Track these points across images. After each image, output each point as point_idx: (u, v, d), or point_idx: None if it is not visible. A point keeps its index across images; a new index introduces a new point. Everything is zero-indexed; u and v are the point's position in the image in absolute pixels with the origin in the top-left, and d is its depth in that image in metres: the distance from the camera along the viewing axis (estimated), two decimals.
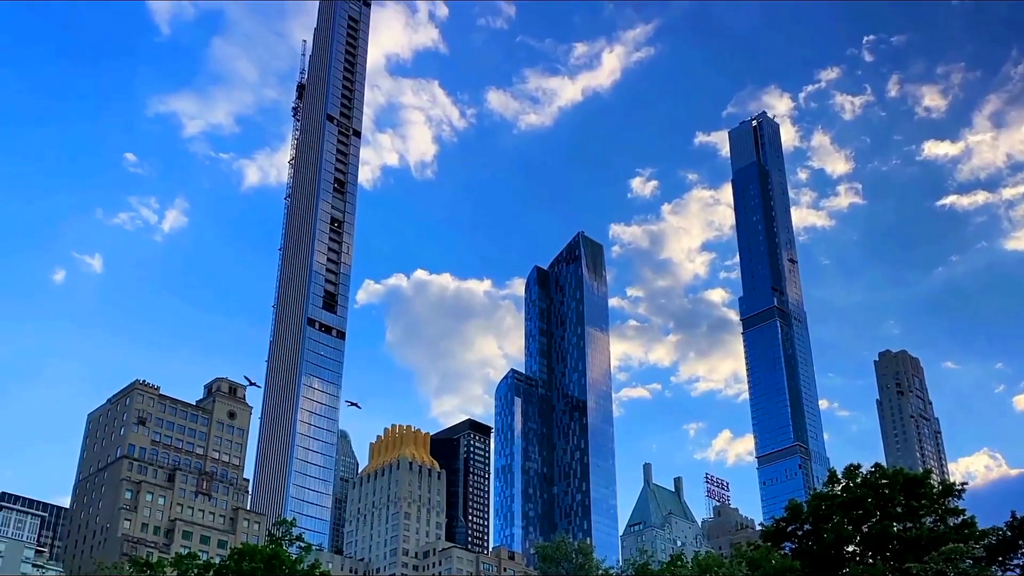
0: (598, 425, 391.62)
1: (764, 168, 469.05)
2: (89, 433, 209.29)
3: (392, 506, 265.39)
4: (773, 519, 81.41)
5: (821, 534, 74.39)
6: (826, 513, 75.37)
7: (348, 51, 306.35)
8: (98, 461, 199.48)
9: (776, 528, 79.84)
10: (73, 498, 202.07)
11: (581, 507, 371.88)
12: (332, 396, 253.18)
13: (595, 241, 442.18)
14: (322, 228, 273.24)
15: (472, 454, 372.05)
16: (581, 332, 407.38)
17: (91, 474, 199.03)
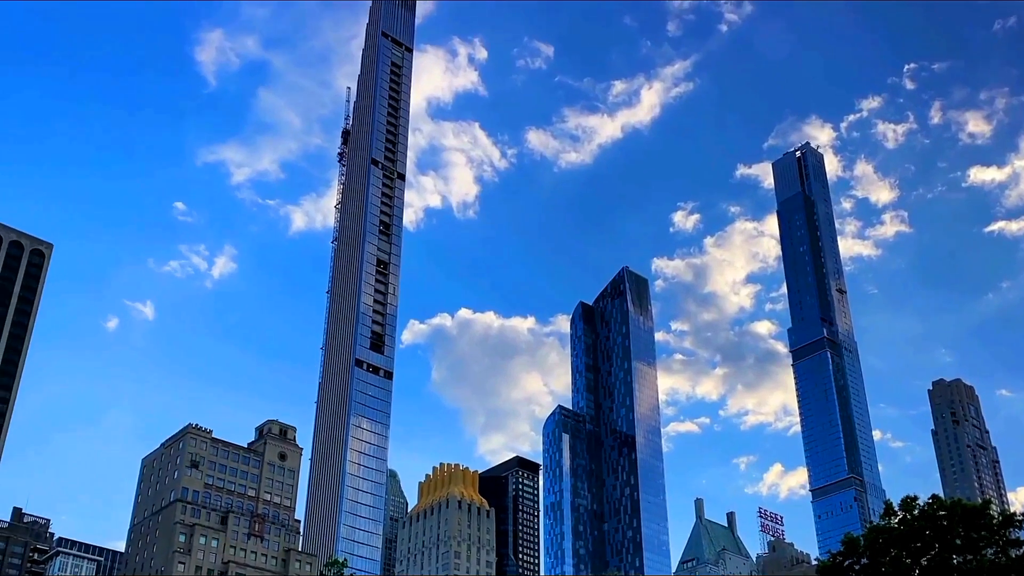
0: (647, 460, 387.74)
1: (809, 198, 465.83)
2: (144, 477, 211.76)
3: (442, 545, 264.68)
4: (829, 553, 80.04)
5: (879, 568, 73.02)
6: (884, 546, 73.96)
7: (391, 96, 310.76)
8: (152, 505, 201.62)
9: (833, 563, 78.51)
10: (128, 542, 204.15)
11: (632, 544, 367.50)
12: (381, 436, 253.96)
13: (640, 275, 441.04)
14: (368, 270, 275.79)
15: (521, 492, 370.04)
16: (628, 367, 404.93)
17: (145, 518, 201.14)
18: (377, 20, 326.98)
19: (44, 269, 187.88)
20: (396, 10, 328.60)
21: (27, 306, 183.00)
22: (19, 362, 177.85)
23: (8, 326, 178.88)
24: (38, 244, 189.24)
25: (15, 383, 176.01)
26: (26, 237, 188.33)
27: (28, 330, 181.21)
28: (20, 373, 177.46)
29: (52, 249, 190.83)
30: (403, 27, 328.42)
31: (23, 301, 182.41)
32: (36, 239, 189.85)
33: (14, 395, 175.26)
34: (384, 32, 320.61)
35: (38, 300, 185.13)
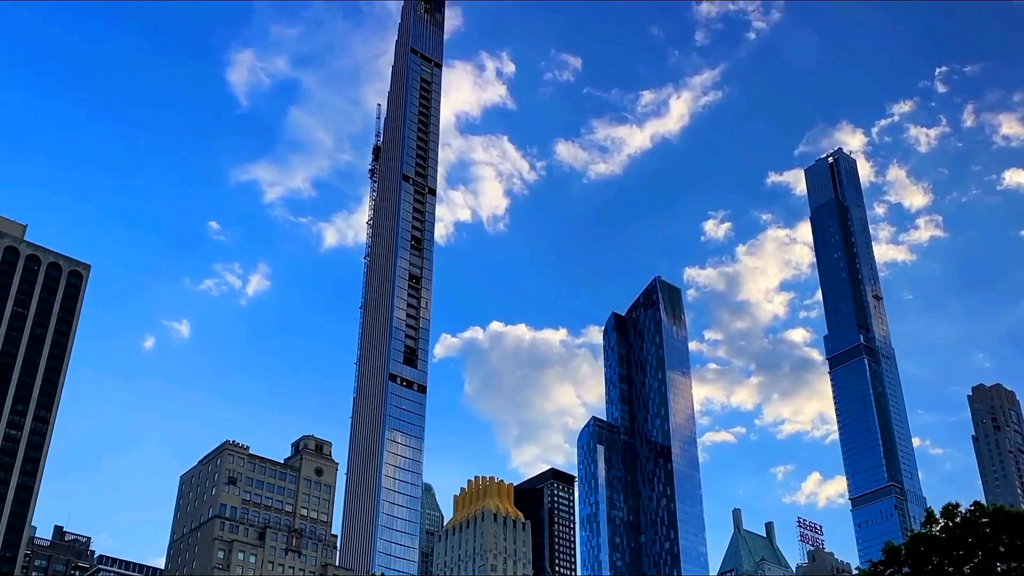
0: (684, 471, 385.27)
1: (843, 204, 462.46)
2: (182, 494, 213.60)
3: (478, 558, 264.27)
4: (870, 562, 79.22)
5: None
6: (925, 555, 73.05)
7: (421, 112, 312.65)
8: (191, 522, 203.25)
9: (874, 571, 77.65)
10: (168, 559, 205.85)
11: (670, 555, 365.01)
12: (415, 450, 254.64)
13: (672, 285, 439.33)
14: (401, 285, 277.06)
15: (556, 504, 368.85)
16: (662, 377, 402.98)
17: (184, 535, 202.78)
18: (406, 37, 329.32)
19: (82, 290, 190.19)
20: (425, 27, 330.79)
21: (66, 326, 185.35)
22: (59, 382, 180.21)
23: (48, 346, 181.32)
24: (76, 265, 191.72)
25: (55, 403, 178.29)
26: (64, 259, 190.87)
27: (67, 350, 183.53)
28: (60, 393, 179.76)
29: (89, 270, 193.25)
30: (432, 43, 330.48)
31: (62, 322, 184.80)
32: (73, 260, 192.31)
33: (54, 415, 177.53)
34: (413, 49, 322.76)
35: (76, 320, 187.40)
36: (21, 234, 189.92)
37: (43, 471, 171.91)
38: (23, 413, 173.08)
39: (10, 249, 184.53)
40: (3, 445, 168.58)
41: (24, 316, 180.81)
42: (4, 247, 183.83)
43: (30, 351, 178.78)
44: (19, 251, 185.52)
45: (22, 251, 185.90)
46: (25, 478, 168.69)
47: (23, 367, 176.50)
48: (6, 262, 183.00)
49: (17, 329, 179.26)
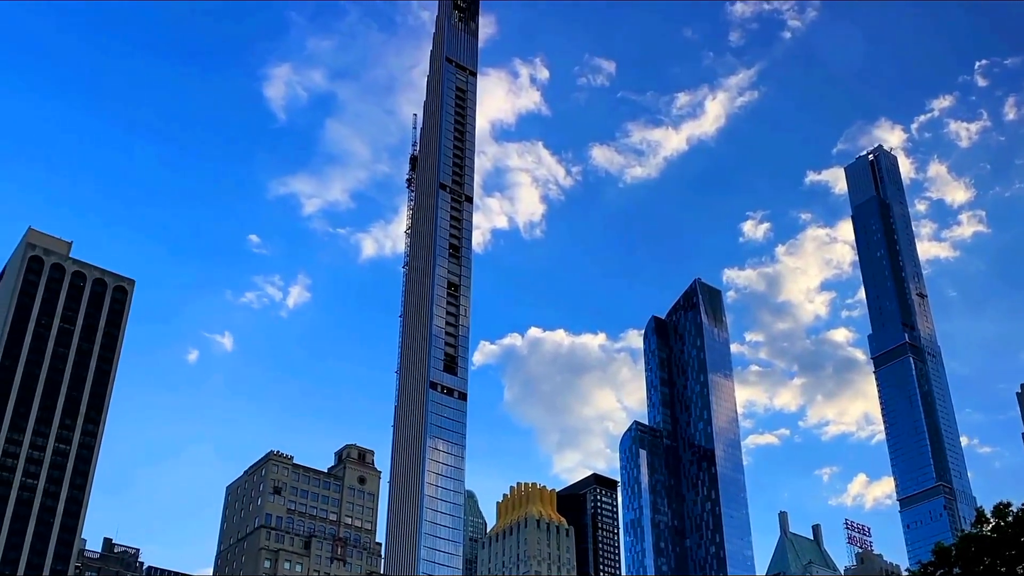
0: (728, 474, 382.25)
1: (884, 202, 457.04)
2: (228, 504, 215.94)
3: (522, 565, 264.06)
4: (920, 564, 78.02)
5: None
6: (976, 555, 71.82)
7: (457, 121, 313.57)
8: (238, 532, 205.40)
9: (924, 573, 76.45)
10: (215, 569, 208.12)
11: (716, 560, 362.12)
12: (457, 457, 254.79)
13: (712, 287, 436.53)
14: (440, 293, 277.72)
15: (599, 509, 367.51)
16: (704, 380, 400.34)
17: (231, 545, 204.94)
18: (441, 47, 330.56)
19: (127, 305, 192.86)
20: (459, 36, 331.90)
21: (111, 341, 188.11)
22: (106, 396, 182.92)
23: (94, 361, 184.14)
24: (120, 281, 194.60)
25: (102, 417, 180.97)
26: (108, 274, 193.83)
27: (113, 365, 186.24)
28: (107, 407, 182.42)
29: (134, 285, 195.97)
30: (466, 52, 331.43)
31: (107, 336, 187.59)
32: (118, 276, 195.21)
33: (102, 428, 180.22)
34: (448, 58, 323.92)
35: (122, 336, 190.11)
36: (67, 251, 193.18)
37: (92, 484, 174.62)
38: (71, 427, 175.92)
39: (56, 266, 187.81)
40: (52, 459, 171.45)
41: (71, 332, 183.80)
42: (51, 264, 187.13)
43: (77, 366, 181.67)
44: (65, 268, 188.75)
45: (68, 268, 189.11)
46: (74, 491, 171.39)
47: (71, 382, 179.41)
48: (53, 279, 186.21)
49: (64, 345, 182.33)
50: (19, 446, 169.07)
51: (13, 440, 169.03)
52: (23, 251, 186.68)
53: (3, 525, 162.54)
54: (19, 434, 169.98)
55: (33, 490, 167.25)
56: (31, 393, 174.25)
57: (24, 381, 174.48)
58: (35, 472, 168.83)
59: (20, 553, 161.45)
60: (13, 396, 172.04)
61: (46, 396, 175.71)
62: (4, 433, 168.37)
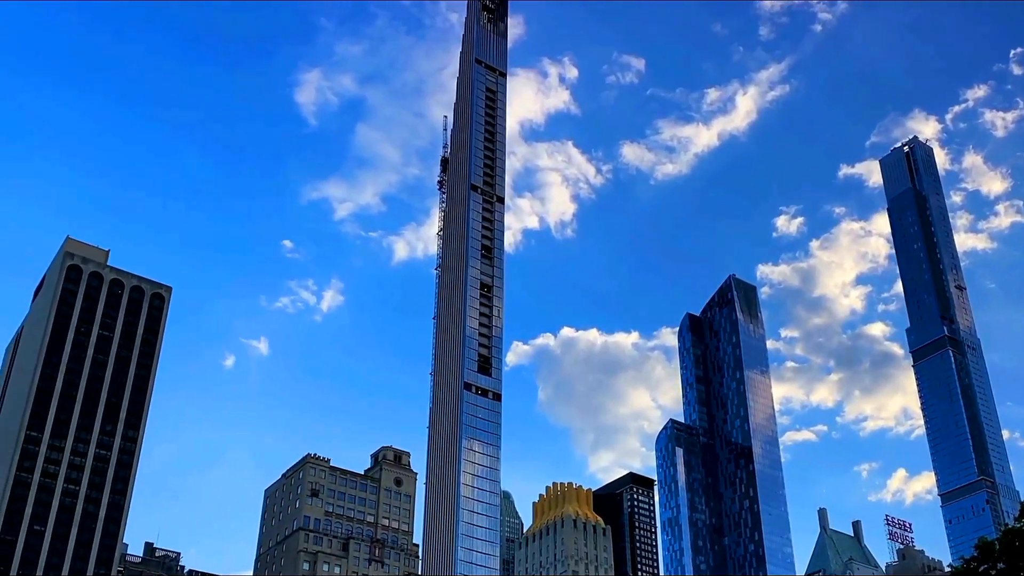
0: (766, 471, 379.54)
1: (921, 193, 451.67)
2: (267, 507, 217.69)
3: (560, 565, 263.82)
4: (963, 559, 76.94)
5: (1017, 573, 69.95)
6: (1020, 550, 70.82)
7: (487, 122, 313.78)
8: (276, 534, 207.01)
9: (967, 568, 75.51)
10: (255, 571, 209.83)
11: (755, 557, 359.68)
12: (492, 458, 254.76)
13: (747, 283, 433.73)
14: (473, 294, 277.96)
15: (636, 508, 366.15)
16: (740, 377, 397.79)
17: (270, 547, 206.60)
18: (470, 48, 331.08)
19: (164, 312, 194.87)
20: (488, 36, 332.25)
21: (150, 348, 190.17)
22: (145, 402, 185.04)
23: (133, 367, 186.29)
24: (157, 288, 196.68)
25: (142, 422, 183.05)
26: (146, 282, 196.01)
27: (152, 371, 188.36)
28: (146, 413, 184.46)
29: (171, 292, 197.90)
30: (496, 53, 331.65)
31: (146, 343, 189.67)
32: (155, 283, 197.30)
33: (141, 434, 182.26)
34: (478, 59, 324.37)
35: (160, 342, 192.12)
36: (104, 259, 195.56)
37: (132, 489, 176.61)
38: (112, 433, 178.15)
39: (94, 275, 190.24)
40: (94, 465, 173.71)
41: (110, 339, 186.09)
42: (88, 273, 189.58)
43: (116, 373, 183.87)
44: (103, 276, 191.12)
45: (105, 276, 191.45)
46: (115, 497, 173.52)
47: (110, 389, 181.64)
48: (91, 287, 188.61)
49: (103, 352, 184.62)
50: (61, 453, 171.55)
51: (55, 447, 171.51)
52: (61, 260, 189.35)
53: (47, 531, 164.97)
54: (61, 441, 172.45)
55: (75, 496, 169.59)
56: (72, 400, 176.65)
57: (64, 388, 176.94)
58: (77, 478, 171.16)
59: (63, 559, 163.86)
60: (54, 403, 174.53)
61: (86, 403, 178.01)
62: (46, 440, 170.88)
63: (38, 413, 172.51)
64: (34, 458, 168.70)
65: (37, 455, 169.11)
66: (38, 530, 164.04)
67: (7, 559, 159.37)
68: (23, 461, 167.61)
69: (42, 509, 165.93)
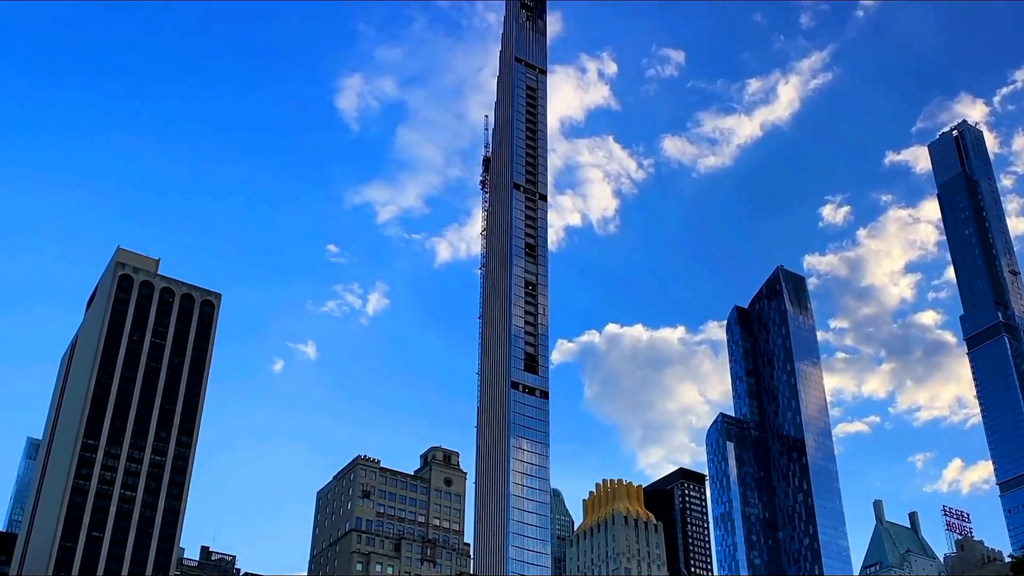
0: (819, 464, 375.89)
1: (971, 178, 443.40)
2: (319, 509, 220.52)
3: (612, 562, 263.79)
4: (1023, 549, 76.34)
5: None
6: None
7: (528, 119, 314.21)
8: (329, 536, 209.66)
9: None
10: (309, 572, 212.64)
11: (810, 551, 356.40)
12: (541, 456, 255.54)
13: (796, 274, 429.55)
14: (517, 292, 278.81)
15: (687, 504, 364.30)
16: (791, 369, 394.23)
17: (323, 549, 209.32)
18: (510, 46, 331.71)
19: (214, 318, 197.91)
20: (528, 34, 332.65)
21: (201, 354, 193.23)
22: (198, 407, 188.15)
23: (186, 374, 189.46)
24: (207, 295, 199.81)
25: (196, 428, 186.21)
26: (196, 289, 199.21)
27: (204, 377, 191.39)
28: (199, 418, 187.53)
29: (220, 299, 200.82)
30: (535, 50, 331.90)
31: (197, 350, 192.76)
32: (205, 290, 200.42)
33: (195, 439, 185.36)
34: (517, 57, 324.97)
35: (211, 348, 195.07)
36: (155, 268, 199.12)
37: (188, 494, 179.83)
38: (166, 439, 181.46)
39: (145, 283, 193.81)
40: (149, 471, 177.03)
41: (162, 347, 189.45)
42: (140, 282, 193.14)
43: (169, 379, 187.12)
44: (154, 285, 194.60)
45: (156, 285, 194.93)
46: (171, 501, 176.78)
47: (164, 395, 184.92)
48: (142, 296, 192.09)
49: (156, 359, 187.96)
50: (117, 460, 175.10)
51: (111, 454, 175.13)
52: (113, 270, 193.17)
53: (105, 537, 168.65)
54: (116, 448, 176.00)
55: (132, 502, 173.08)
56: (126, 408, 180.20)
57: (119, 396, 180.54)
58: (133, 484, 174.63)
59: (121, 564, 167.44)
60: (109, 411, 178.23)
61: (141, 410, 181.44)
62: (102, 447, 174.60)
63: (94, 421, 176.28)
64: (91, 465, 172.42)
65: (94, 463, 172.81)
66: (96, 536, 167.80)
67: (67, 565, 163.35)
68: (80, 469, 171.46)
69: (100, 516, 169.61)
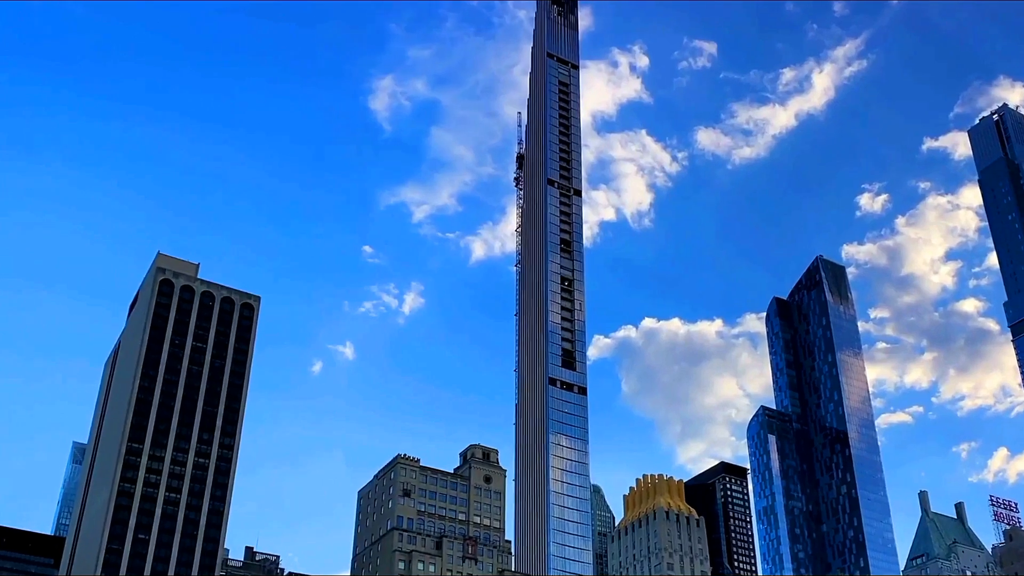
0: (863, 456, 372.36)
1: (1013, 162, 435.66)
2: (361, 508, 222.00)
3: (654, 557, 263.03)
4: None
5: None
6: None
7: (562, 115, 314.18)
8: (371, 535, 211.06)
9: None
10: (352, 572, 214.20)
11: (855, 544, 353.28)
12: (580, 452, 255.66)
13: (836, 263, 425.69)
14: (553, 289, 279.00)
15: (729, 498, 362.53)
16: (832, 360, 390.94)
17: (366, 548, 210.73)
18: (542, 42, 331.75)
19: (254, 321, 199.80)
20: (559, 30, 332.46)
21: (242, 356, 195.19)
22: (239, 409, 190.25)
23: (227, 377, 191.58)
24: (247, 298, 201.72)
25: (238, 430, 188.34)
26: (235, 292, 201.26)
27: (245, 380, 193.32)
28: (242, 420, 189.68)
29: (259, 302, 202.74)
30: (567, 46, 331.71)
31: (238, 352, 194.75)
32: (244, 293, 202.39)
33: (238, 441, 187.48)
34: (549, 53, 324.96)
35: (251, 351, 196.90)
36: (194, 273, 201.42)
37: (231, 495, 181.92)
38: (209, 442, 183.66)
39: (186, 288, 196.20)
40: (193, 473, 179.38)
41: (203, 350, 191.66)
42: (180, 286, 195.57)
43: (211, 382, 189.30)
44: (194, 289, 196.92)
45: (196, 289, 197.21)
46: (215, 503, 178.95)
47: (205, 398, 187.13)
48: (183, 300, 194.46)
49: (198, 363, 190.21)
50: (161, 462, 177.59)
51: (155, 457, 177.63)
52: (154, 275, 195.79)
53: (151, 539, 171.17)
54: (161, 451, 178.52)
55: (176, 504, 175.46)
56: (169, 411, 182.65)
57: (162, 400, 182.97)
58: (177, 487, 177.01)
59: (168, 565, 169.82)
60: (153, 415, 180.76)
61: (184, 413, 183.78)
62: (147, 451, 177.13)
63: (138, 425, 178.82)
64: (136, 469, 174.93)
65: (138, 466, 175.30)
66: (142, 539, 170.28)
67: (115, 567, 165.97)
68: (126, 472, 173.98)
69: (145, 518, 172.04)
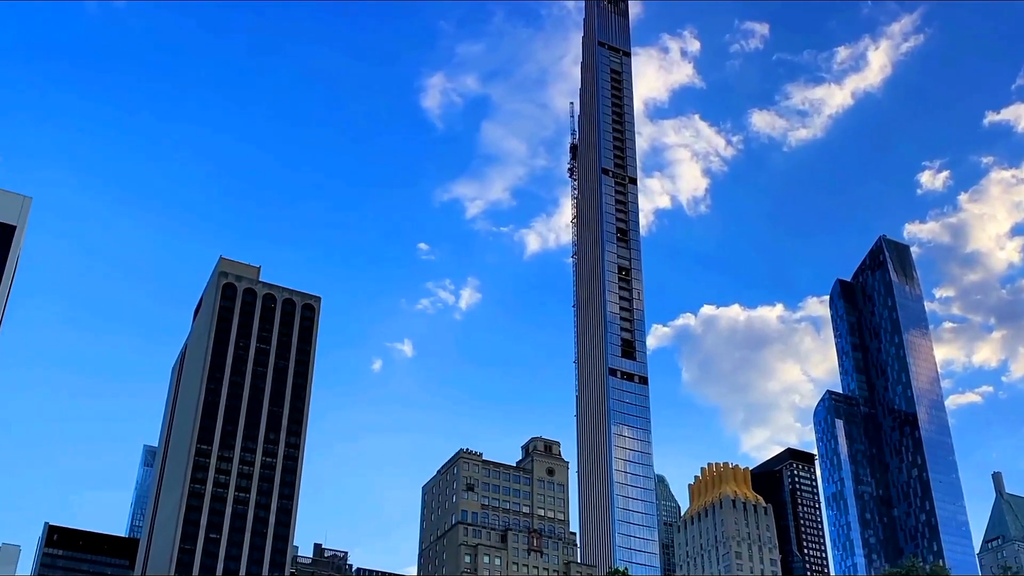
0: (933, 438, 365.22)
1: None
2: (425, 504, 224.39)
3: (721, 546, 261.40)
4: None
5: None
6: None
7: (615, 103, 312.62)
8: (436, 529, 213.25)
9: None
10: (419, 566, 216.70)
11: (927, 527, 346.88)
12: (643, 442, 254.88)
13: (900, 243, 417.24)
14: (611, 278, 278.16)
15: (797, 485, 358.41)
16: (899, 341, 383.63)
17: (432, 542, 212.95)
18: (592, 31, 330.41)
19: (315, 322, 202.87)
20: (610, 18, 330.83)
21: (305, 357, 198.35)
22: (304, 409, 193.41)
23: (291, 377, 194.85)
24: (308, 299, 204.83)
25: (303, 429, 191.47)
26: (296, 294, 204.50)
27: (308, 379, 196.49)
28: (306, 419, 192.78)
29: (320, 302, 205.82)
30: (618, 33, 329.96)
31: (301, 353, 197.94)
32: (305, 294, 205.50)
33: (303, 439, 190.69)
34: (600, 41, 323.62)
35: (313, 351, 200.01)
36: (256, 276, 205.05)
37: (299, 493, 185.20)
38: (275, 441, 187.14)
39: (248, 291, 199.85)
40: (261, 472, 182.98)
41: (267, 351, 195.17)
42: (243, 289, 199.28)
43: (275, 383, 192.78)
44: (256, 291, 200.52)
45: (259, 291, 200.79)
46: (283, 501, 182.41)
47: (271, 398, 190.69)
48: (246, 303, 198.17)
49: (262, 364, 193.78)
50: (229, 463, 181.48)
51: (224, 458, 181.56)
52: (217, 279, 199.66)
53: (222, 538, 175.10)
54: (229, 452, 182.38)
55: (246, 503, 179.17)
56: (236, 413, 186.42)
57: (229, 402, 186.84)
58: (246, 486, 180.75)
59: (239, 564, 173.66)
60: (220, 417, 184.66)
61: (250, 414, 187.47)
62: (215, 452, 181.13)
63: (206, 427, 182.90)
64: (205, 470, 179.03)
65: (208, 467, 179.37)
66: (214, 538, 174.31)
67: (187, 567, 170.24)
68: (195, 473, 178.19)
69: (216, 518, 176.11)
